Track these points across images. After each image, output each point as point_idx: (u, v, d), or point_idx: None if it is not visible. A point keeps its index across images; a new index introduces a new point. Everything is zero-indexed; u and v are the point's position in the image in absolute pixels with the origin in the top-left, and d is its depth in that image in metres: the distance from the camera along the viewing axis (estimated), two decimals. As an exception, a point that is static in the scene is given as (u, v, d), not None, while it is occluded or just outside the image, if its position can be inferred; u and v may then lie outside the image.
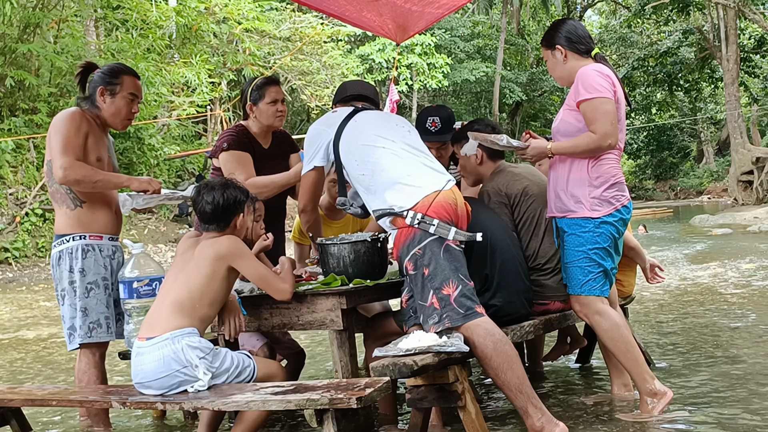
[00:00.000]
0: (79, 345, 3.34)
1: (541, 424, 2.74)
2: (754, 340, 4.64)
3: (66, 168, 3.20)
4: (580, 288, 3.19)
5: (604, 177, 3.17)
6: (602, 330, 3.20)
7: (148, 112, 16.92)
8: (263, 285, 3.00)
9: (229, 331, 3.05)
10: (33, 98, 15.88)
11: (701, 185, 34.69)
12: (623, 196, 3.22)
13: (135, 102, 3.48)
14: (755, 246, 11.09)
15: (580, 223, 3.17)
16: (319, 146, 3.22)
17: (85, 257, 3.35)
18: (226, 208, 3.00)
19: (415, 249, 2.86)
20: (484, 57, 32.37)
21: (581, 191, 3.17)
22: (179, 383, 2.81)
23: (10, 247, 13.97)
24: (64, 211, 3.36)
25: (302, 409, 2.51)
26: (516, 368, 2.78)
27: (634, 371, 3.17)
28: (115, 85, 3.41)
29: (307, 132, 3.34)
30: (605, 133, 3.09)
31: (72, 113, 3.35)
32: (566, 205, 3.21)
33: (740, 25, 28.11)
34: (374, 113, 3.29)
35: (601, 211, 3.16)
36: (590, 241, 3.16)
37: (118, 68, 3.50)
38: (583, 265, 3.17)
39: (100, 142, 3.42)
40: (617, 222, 3.19)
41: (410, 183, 2.94)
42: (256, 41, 20.15)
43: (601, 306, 3.21)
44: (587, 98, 3.12)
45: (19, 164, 15.09)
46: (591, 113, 3.11)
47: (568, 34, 3.29)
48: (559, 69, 3.33)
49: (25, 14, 14.98)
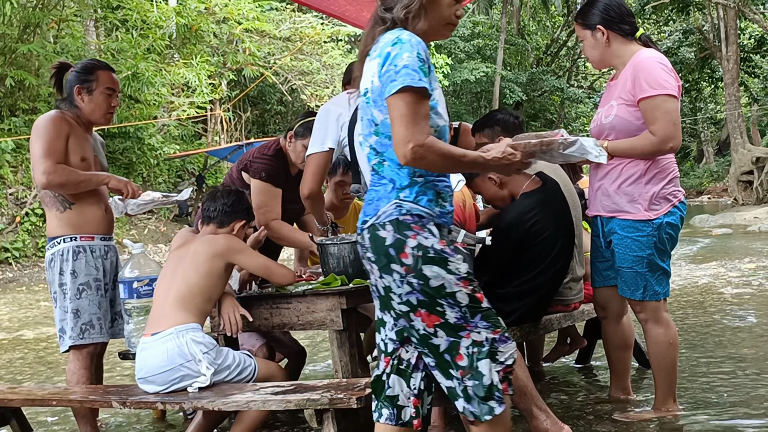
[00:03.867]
0: (70, 347, 3.30)
1: (546, 426, 2.74)
2: (754, 340, 4.64)
3: (48, 173, 3.17)
4: (642, 294, 3.01)
5: (664, 172, 2.95)
6: (654, 341, 3.05)
7: (148, 112, 16.93)
8: (265, 273, 3.07)
9: (230, 327, 3.05)
10: (33, 98, 15.88)
11: (701, 185, 34.68)
12: (680, 192, 3.01)
13: (114, 96, 3.44)
14: (755, 246, 11.09)
15: (636, 226, 2.95)
16: (331, 126, 3.13)
17: (76, 259, 3.31)
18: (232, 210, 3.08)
19: None
20: (484, 57, 32.36)
21: (638, 189, 2.94)
22: (181, 378, 2.82)
23: (10, 247, 13.97)
24: (54, 213, 3.33)
25: (302, 409, 2.51)
26: (519, 370, 2.77)
27: (664, 391, 3.09)
28: (90, 82, 3.38)
29: (319, 111, 3.25)
30: (667, 135, 2.86)
31: (51, 117, 3.31)
32: (618, 204, 2.98)
33: (740, 25, 28.10)
34: None
35: (660, 210, 2.93)
36: (648, 246, 2.95)
37: (91, 65, 3.46)
38: (642, 270, 2.98)
39: (83, 142, 3.37)
40: (677, 220, 2.98)
41: None
42: (256, 41, 20.14)
43: (665, 315, 3.05)
44: (651, 95, 2.86)
45: (19, 164, 15.09)
46: (652, 112, 2.87)
47: (609, 11, 2.97)
48: (599, 52, 3.02)
49: (25, 14, 14.98)
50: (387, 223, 2.11)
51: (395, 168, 2.13)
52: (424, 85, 2.03)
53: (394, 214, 2.11)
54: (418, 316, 2.12)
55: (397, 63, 2.04)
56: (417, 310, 2.11)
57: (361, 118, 2.22)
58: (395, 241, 2.09)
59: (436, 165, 2.09)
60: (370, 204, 2.17)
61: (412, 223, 2.10)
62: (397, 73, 2.03)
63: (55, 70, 3.49)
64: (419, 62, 2.05)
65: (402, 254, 2.08)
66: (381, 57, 2.09)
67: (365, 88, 2.17)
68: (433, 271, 2.08)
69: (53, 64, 3.58)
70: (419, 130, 2.02)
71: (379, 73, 2.09)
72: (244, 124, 22.18)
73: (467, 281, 2.13)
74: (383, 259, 2.11)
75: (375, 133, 2.16)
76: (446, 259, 2.11)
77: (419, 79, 2.03)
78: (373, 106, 2.14)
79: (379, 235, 2.11)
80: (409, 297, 2.10)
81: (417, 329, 2.13)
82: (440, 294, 2.09)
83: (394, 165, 2.13)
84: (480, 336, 2.12)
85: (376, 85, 2.12)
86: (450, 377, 2.12)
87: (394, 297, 2.13)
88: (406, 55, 2.04)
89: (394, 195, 2.12)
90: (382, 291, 2.16)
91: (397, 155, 2.06)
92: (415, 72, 2.03)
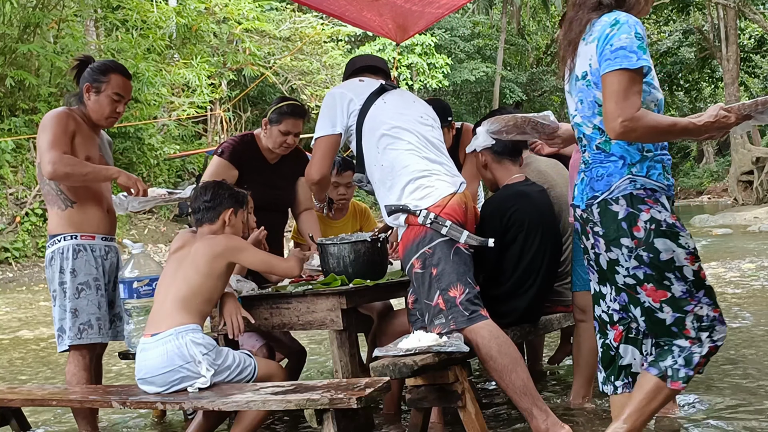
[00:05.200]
0: (69, 347, 3.29)
1: (546, 426, 2.73)
2: (754, 340, 4.64)
3: (54, 162, 3.15)
4: None
5: None
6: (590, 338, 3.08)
7: (148, 112, 16.93)
8: (268, 268, 3.09)
9: (232, 329, 3.05)
10: (33, 98, 15.88)
11: (701, 185, 34.65)
12: None
13: (121, 102, 3.39)
14: (755, 246, 11.08)
15: None
16: (341, 110, 3.07)
17: (76, 257, 3.30)
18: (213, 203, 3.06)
19: (424, 248, 2.85)
20: (484, 57, 32.34)
21: None
22: (181, 379, 2.82)
23: (10, 247, 13.97)
24: (56, 211, 3.32)
25: (302, 409, 2.51)
26: (521, 370, 2.77)
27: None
28: (101, 83, 3.34)
29: (327, 94, 3.17)
30: None
31: (58, 113, 3.31)
32: None
33: (740, 25, 28.10)
34: (401, 97, 3.19)
35: None
36: None
37: (107, 66, 3.42)
38: None
39: (89, 141, 3.36)
40: None
41: (428, 183, 2.91)
42: (256, 41, 20.14)
43: None
44: None
45: (19, 164, 15.09)
46: None
47: None
48: None
49: (25, 14, 14.98)
50: (620, 197, 2.21)
51: (624, 144, 2.23)
52: (641, 64, 2.14)
53: (628, 188, 2.21)
54: (644, 290, 2.21)
55: (614, 43, 2.14)
56: (643, 284, 2.22)
57: (580, 101, 2.33)
58: (628, 215, 2.20)
59: (646, 137, 2.18)
60: (599, 180, 2.27)
61: (645, 197, 2.20)
62: (612, 53, 2.14)
63: (78, 63, 3.45)
64: (637, 41, 2.15)
65: (635, 228, 2.19)
66: (600, 39, 2.19)
67: (583, 71, 2.28)
68: (665, 244, 2.18)
69: (76, 56, 3.54)
70: (629, 105, 2.11)
71: (598, 54, 2.19)
72: (244, 124, 22.16)
73: (694, 257, 2.23)
74: (613, 233, 2.22)
75: (600, 113, 2.25)
76: (677, 233, 2.20)
77: (637, 59, 2.13)
78: (595, 88, 2.26)
79: (611, 209, 2.22)
80: (636, 271, 2.21)
81: (642, 302, 2.22)
82: (669, 268, 2.18)
83: (623, 142, 2.23)
84: (702, 311, 2.21)
85: (595, 67, 2.23)
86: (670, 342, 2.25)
87: (620, 270, 2.24)
88: (624, 36, 2.14)
89: (626, 171, 2.22)
90: (605, 264, 2.28)
91: (607, 129, 2.17)
92: (633, 53, 2.13)
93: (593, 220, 2.28)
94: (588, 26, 2.26)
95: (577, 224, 2.48)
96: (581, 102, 2.34)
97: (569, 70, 2.36)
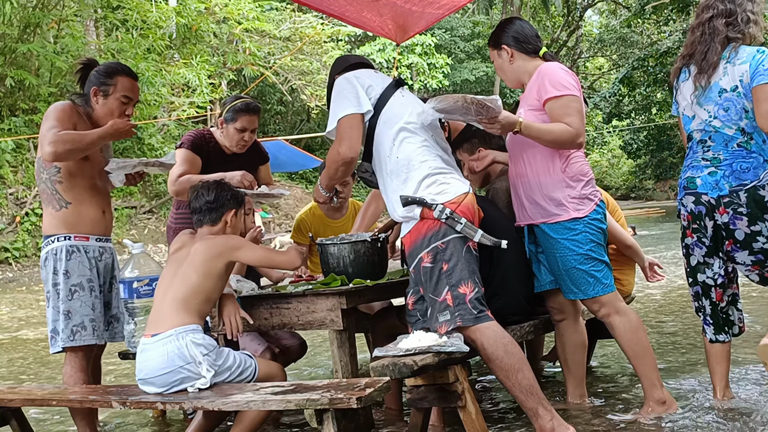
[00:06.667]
0: (63, 348, 3.24)
1: (552, 426, 2.74)
2: (753, 340, 4.64)
3: (54, 142, 3.09)
4: (594, 290, 3.11)
5: (579, 175, 3.11)
6: (621, 331, 3.13)
7: (148, 112, 16.94)
8: (268, 263, 3.10)
9: (231, 330, 3.05)
10: (33, 98, 15.89)
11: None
12: (598, 192, 3.19)
13: (129, 105, 3.36)
14: (755, 246, 11.07)
15: (569, 226, 3.08)
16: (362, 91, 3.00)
17: (69, 259, 3.25)
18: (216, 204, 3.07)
19: (437, 242, 2.84)
20: (484, 57, 32.35)
21: (560, 193, 3.08)
22: (182, 380, 2.81)
23: (10, 247, 13.98)
24: (50, 211, 3.28)
25: (302, 409, 2.51)
26: (527, 370, 2.78)
27: (646, 376, 3.12)
28: (108, 86, 3.31)
29: (341, 79, 3.06)
30: (581, 130, 3.02)
31: (62, 105, 3.27)
32: (547, 210, 3.10)
33: (740, 25, 28.09)
34: (414, 96, 3.24)
35: (585, 209, 3.09)
36: (585, 241, 3.09)
37: (113, 69, 3.39)
38: (587, 267, 3.09)
39: None
40: (601, 217, 3.15)
41: (444, 180, 2.92)
42: (256, 41, 20.16)
43: (622, 305, 3.16)
44: (556, 95, 3.02)
45: (19, 164, 15.10)
46: (561, 109, 3.01)
47: (515, 34, 3.20)
48: (506, 69, 3.24)
49: (25, 14, 15.00)
50: (766, 185, 3.00)
51: (760, 143, 3.03)
52: None
53: None
54: None
55: (765, 64, 2.95)
56: None
57: (725, 109, 3.04)
58: None
59: None
60: (746, 172, 3.01)
61: None
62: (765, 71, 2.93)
63: (81, 66, 3.43)
64: None
65: None
66: (749, 62, 2.98)
67: (733, 85, 3.01)
68: None
69: (80, 59, 3.50)
70: None
71: (751, 73, 2.96)
72: (244, 124, 22.15)
73: None
74: (758, 212, 3.00)
75: (746, 118, 3.01)
76: None
77: None
78: (745, 99, 3.00)
79: (759, 193, 2.99)
80: None
81: None
82: None
83: (759, 142, 3.02)
84: None
85: (746, 82, 2.98)
86: None
87: (760, 239, 3.03)
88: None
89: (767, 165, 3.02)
90: (743, 236, 3.05)
91: (760, 125, 2.94)
92: None
93: (737, 202, 3.00)
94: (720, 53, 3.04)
95: (700, 207, 3.08)
96: (727, 109, 3.02)
97: (702, 87, 3.06)
